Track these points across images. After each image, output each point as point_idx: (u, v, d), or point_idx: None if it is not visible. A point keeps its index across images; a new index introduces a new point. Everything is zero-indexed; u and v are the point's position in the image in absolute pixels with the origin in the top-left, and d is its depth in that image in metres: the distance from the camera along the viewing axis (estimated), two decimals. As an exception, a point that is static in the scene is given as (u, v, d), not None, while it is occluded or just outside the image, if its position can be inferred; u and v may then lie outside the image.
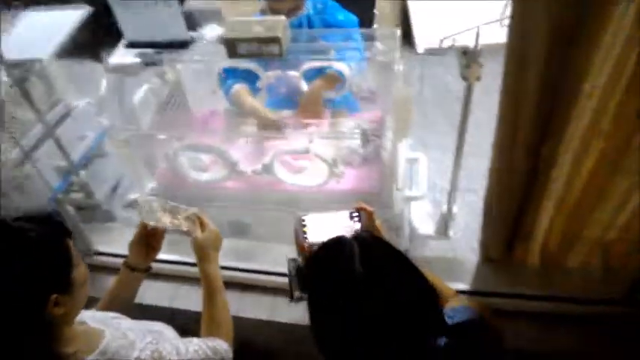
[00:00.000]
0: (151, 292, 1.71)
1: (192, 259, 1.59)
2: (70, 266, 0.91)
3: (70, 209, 2.12)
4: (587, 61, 1.01)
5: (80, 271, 0.93)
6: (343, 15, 1.93)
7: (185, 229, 1.23)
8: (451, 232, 2.08)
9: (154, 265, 1.32)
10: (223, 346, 1.11)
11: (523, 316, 1.49)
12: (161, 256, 1.32)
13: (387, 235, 1.19)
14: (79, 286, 0.93)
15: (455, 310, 1.01)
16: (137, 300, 1.30)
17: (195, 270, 1.58)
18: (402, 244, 1.91)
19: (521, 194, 1.37)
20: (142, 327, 1.09)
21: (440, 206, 2.09)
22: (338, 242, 0.89)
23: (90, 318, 1.05)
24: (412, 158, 1.95)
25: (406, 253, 0.88)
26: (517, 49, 1.05)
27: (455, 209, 1.93)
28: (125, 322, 1.11)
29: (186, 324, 1.22)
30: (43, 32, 1.86)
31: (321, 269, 0.90)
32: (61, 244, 0.91)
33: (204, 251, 1.21)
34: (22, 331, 0.85)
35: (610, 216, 1.34)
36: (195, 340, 1.09)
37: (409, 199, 1.89)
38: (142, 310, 1.31)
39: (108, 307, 1.20)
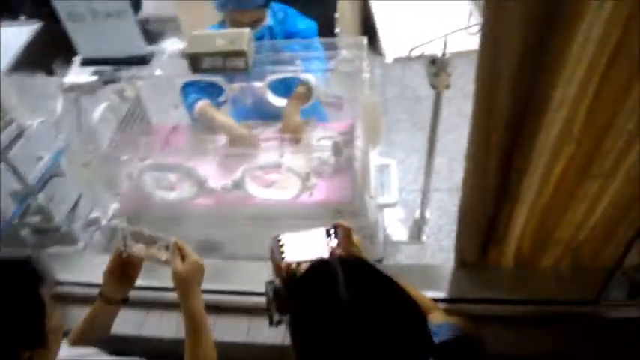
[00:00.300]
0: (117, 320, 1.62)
1: (159, 284, 1.53)
2: (44, 318, 0.84)
3: (27, 235, 2.02)
4: (558, 67, 1.01)
5: (54, 320, 0.87)
6: (304, 24, 1.91)
7: (164, 258, 1.15)
8: (424, 237, 2.08)
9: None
10: None
11: (500, 321, 1.49)
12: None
13: (363, 247, 1.17)
14: (54, 335, 0.86)
15: (439, 326, 1.00)
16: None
17: (165, 295, 1.52)
18: (376, 252, 1.89)
19: (495, 200, 1.37)
20: None
21: (410, 209, 2.09)
22: (321, 265, 0.86)
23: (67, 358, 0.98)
24: (383, 165, 1.94)
25: (381, 261, 0.86)
26: (489, 58, 1.04)
27: (427, 214, 1.93)
28: None
29: (156, 350, 1.16)
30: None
31: (305, 292, 0.87)
32: (36, 295, 0.84)
33: (185, 283, 1.11)
34: None
35: (581, 217, 1.36)
36: None
37: (382, 207, 1.88)
38: (110, 339, 1.24)
39: (80, 342, 1.13)
